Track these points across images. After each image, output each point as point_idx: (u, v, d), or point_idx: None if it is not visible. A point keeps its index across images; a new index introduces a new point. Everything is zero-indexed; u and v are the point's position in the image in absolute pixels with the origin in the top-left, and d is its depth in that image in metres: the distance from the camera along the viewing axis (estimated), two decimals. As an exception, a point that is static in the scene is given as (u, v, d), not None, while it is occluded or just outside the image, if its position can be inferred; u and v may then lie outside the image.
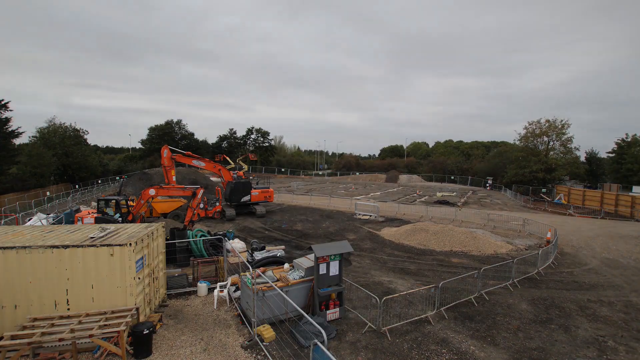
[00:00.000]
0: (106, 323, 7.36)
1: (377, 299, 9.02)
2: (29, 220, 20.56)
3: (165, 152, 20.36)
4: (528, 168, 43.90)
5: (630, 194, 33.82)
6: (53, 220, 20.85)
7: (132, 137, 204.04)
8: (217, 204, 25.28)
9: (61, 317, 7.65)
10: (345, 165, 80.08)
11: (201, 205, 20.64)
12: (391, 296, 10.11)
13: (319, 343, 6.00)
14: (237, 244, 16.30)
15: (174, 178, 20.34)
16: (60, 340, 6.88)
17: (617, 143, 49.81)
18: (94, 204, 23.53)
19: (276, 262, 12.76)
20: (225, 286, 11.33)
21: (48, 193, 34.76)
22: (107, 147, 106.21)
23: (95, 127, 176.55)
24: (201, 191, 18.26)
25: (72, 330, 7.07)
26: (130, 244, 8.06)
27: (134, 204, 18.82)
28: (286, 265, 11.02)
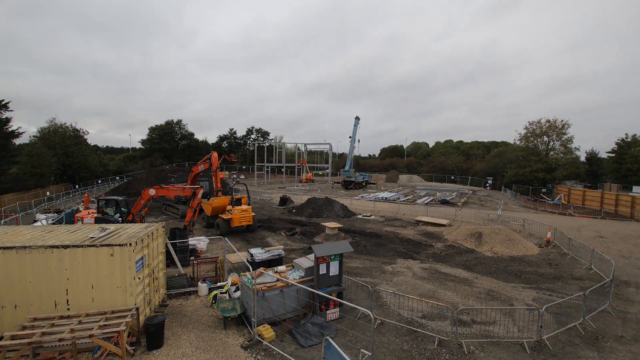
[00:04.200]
0: (106, 323, 7.35)
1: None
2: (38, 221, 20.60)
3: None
4: (528, 168, 43.90)
5: (631, 194, 33.80)
6: (53, 220, 20.87)
7: (131, 137, 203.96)
8: None
9: (61, 317, 7.65)
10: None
11: None
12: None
13: (330, 339, 6.02)
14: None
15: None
16: (60, 340, 6.88)
17: (617, 143, 49.84)
18: (94, 204, 23.51)
19: (277, 261, 12.79)
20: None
21: (48, 193, 34.76)
22: (107, 147, 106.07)
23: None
24: (201, 191, 18.27)
25: (72, 330, 7.07)
26: (130, 244, 8.05)
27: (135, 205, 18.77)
28: (282, 267, 11.01)
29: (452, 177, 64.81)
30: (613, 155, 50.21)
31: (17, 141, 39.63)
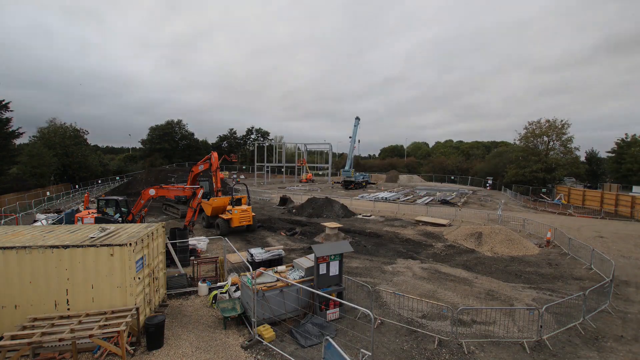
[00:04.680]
0: (106, 323, 7.35)
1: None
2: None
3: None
4: (528, 168, 43.90)
5: (630, 194, 33.81)
6: (53, 220, 20.88)
7: (132, 137, 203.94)
8: None
9: (61, 317, 7.65)
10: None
11: None
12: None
13: (330, 339, 6.01)
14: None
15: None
16: (60, 340, 6.87)
17: (617, 143, 49.88)
18: (94, 204, 23.50)
19: (277, 261, 12.80)
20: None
21: (48, 193, 34.77)
22: (107, 147, 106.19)
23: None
24: (201, 191, 18.27)
25: (72, 330, 7.07)
26: (130, 244, 8.05)
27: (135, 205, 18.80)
28: (282, 267, 11.02)
29: (452, 177, 64.81)
30: (613, 155, 50.24)
31: (17, 141, 39.70)
